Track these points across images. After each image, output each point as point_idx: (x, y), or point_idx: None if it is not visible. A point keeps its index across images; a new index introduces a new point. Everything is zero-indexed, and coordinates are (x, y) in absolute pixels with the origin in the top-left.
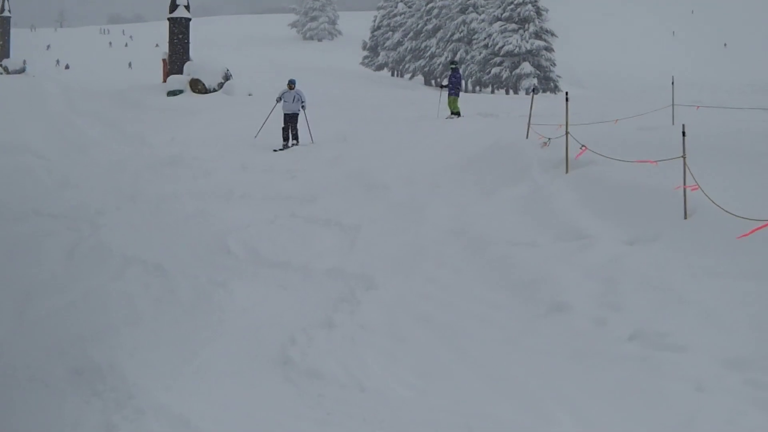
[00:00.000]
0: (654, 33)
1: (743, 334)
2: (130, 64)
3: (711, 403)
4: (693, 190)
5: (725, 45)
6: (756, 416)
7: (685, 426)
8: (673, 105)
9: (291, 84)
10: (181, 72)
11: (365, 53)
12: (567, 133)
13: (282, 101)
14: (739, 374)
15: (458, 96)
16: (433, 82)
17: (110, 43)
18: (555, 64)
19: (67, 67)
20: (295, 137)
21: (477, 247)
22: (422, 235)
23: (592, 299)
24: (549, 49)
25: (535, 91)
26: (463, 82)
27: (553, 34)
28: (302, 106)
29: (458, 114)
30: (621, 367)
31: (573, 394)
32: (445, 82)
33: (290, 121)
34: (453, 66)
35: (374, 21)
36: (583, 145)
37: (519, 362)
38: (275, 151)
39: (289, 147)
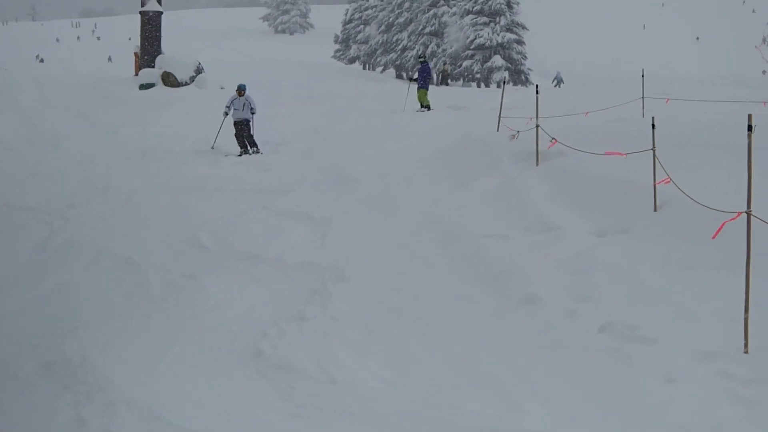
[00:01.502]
0: (624, 26)
1: (714, 327)
2: (110, 58)
3: (682, 394)
4: (666, 183)
5: (698, 39)
6: (726, 407)
7: (656, 417)
8: (643, 97)
9: (240, 90)
10: (153, 65)
11: (337, 46)
12: (537, 125)
13: (231, 110)
14: (710, 366)
15: (428, 89)
16: (404, 75)
17: (78, 38)
18: (526, 57)
19: (41, 60)
20: (252, 143)
21: (448, 240)
22: (394, 227)
23: (562, 291)
24: (520, 42)
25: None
26: (433, 75)
27: (524, 27)
28: (252, 113)
29: (428, 107)
30: (592, 358)
31: (544, 386)
32: (415, 76)
33: (241, 128)
34: (422, 60)
35: (346, 14)
36: (553, 138)
37: (490, 354)
38: (239, 156)
39: (249, 153)
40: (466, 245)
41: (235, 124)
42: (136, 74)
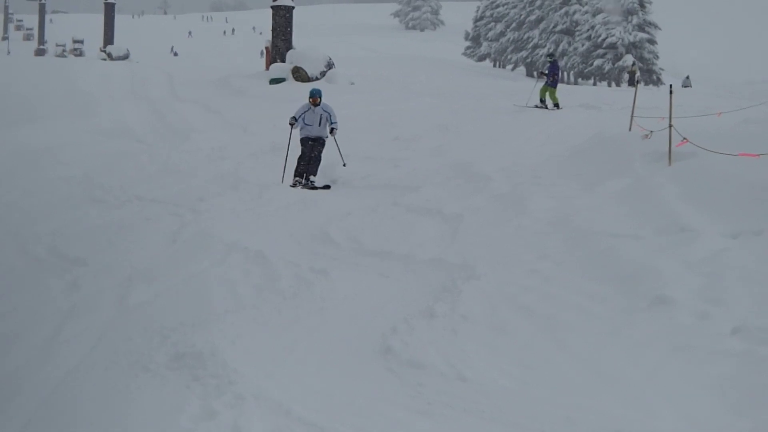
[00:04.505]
0: (758, 25)
1: None
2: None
3: None
4: None
5: None
6: None
7: None
8: None
9: (314, 96)
10: (283, 60)
11: (467, 43)
12: (671, 125)
13: (301, 124)
14: None
15: (556, 87)
16: (534, 73)
17: (225, 32)
18: (658, 57)
19: (176, 54)
20: (314, 169)
21: (578, 239)
22: (523, 226)
23: (694, 293)
24: (652, 41)
25: (635, 77)
26: (560, 74)
27: (656, 27)
28: (331, 130)
29: (557, 105)
30: (724, 361)
31: (675, 388)
32: (545, 72)
33: (311, 148)
34: (551, 59)
35: (477, 11)
36: (684, 138)
37: (620, 355)
38: (292, 185)
39: (303, 184)
40: (597, 245)
41: (303, 141)
42: (267, 69)
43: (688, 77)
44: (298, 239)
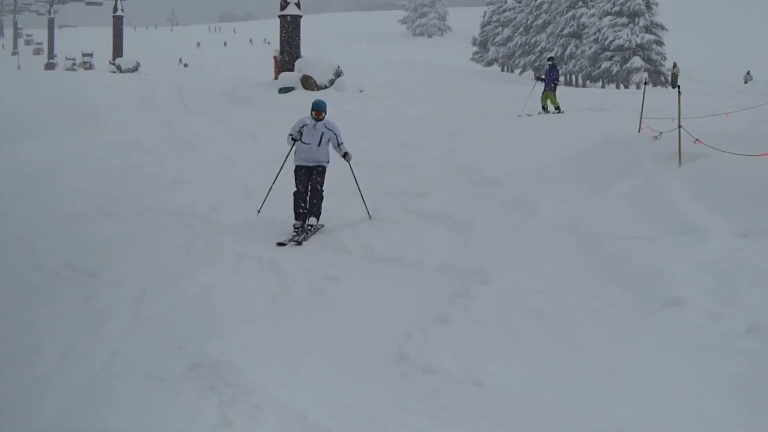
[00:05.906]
0: (763, 25)
1: None
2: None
3: None
4: None
5: None
6: None
7: None
8: None
9: (319, 110)
10: (292, 69)
11: (475, 49)
12: (680, 126)
13: (298, 139)
14: None
15: (555, 91)
16: (540, 76)
17: (226, 43)
18: (666, 58)
19: (185, 65)
20: (317, 210)
21: (589, 242)
22: (534, 230)
23: (706, 293)
24: (659, 42)
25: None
26: (561, 78)
27: (663, 28)
28: (345, 154)
29: (558, 109)
30: (737, 361)
31: (688, 389)
32: (542, 76)
33: (307, 179)
34: (551, 62)
35: (484, 16)
36: (696, 139)
37: (633, 357)
38: (280, 244)
39: (307, 230)
40: (608, 247)
41: (298, 171)
42: (276, 78)
43: (749, 72)
44: (309, 247)
